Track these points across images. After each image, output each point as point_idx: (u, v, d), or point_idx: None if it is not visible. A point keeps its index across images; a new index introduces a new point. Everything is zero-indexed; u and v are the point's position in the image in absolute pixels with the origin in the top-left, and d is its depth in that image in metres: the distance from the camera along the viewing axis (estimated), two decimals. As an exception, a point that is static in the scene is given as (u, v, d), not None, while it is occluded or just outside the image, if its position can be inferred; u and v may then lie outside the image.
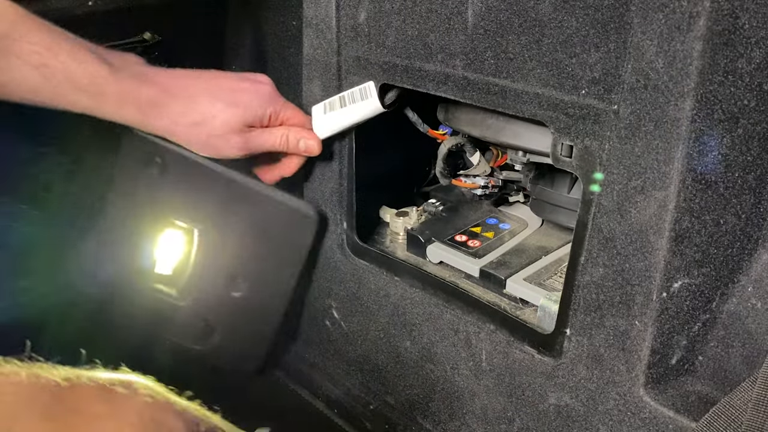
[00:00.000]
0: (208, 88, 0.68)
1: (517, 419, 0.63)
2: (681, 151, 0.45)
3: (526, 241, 0.75)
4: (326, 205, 0.79)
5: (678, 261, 0.48)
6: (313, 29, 0.72)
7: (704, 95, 0.44)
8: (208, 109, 0.67)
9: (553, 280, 0.67)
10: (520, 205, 0.84)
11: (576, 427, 0.57)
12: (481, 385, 0.66)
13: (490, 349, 0.64)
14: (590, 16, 0.48)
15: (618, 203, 0.50)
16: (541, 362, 0.59)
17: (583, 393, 0.56)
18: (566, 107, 0.51)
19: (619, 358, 0.53)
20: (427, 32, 0.61)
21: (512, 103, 0.56)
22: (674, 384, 0.52)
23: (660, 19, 0.44)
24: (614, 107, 0.48)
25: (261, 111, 0.70)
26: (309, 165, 0.80)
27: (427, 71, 0.62)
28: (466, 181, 0.80)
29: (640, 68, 0.46)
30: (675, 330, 0.51)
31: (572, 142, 0.52)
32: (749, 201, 0.49)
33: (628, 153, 0.48)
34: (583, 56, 0.49)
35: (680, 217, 0.47)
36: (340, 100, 0.71)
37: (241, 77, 0.72)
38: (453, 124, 0.74)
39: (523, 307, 0.66)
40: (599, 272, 0.52)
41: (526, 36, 0.53)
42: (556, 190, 0.71)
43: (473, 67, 0.58)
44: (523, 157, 0.72)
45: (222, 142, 0.69)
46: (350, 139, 0.74)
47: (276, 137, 0.71)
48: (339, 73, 0.72)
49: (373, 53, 0.67)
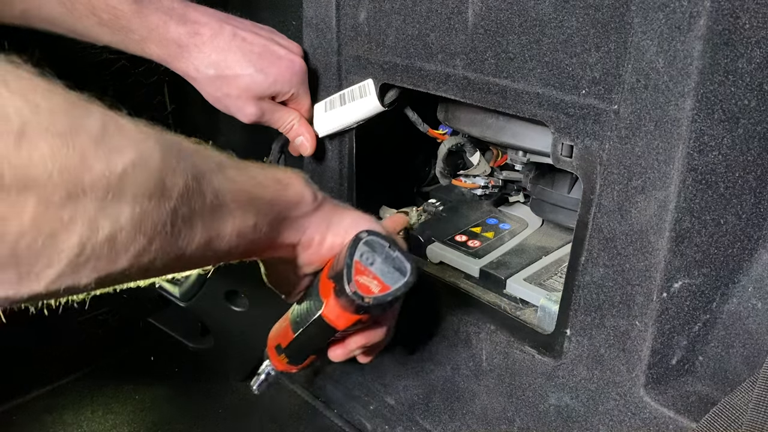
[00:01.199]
0: (242, 46, 0.66)
1: (517, 419, 0.63)
2: (681, 150, 0.45)
3: (526, 241, 0.75)
4: (326, 205, 0.79)
5: (678, 261, 0.48)
6: (313, 29, 0.72)
7: (705, 95, 0.44)
8: (235, 68, 0.65)
9: (554, 280, 0.67)
10: (520, 205, 0.84)
11: (576, 427, 0.57)
12: (481, 386, 0.66)
13: (490, 349, 0.64)
14: (590, 16, 0.48)
15: (618, 203, 0.50)
16: (542, 362, 0.59)
17: (584, 393, 0.56)
18: (566, 107, 0.51)
19: (620, 359, 0.53)
20: (428, 32, 0.61)
21: (512, 103, 0.56)
22: (674, 384, 0.52)
23: (660, 19, 0.44)
24: (614, 107, 0.48)
25: (287, 87, 0.68)
26: (309, 164, 0.80)
27: (428, 71, 0.62)
28: (466, 181, 0.80)
29: (641, 68, 0.46)
30: (675, 330, 0.51)
31: (572, 142, 0.52)
32: (749, 201, 0.49)
33: (629, 153, 0.48)
34: (584, 56, 0.49)
35: (680, 217, 0.47)
36: (341, 98, 0.71)
37: (278, 42, 0.69)
38: (453, 123, 0.74)
39: (524, 308, 0.66)
40: (599, 272, 0.52)
41: (526, 36, 0.53)
42: (556, 190, 0.71)
43: (473, 67, 0.58)
44: (523, 157, 0.72)
45: (236, 105, 0.68)
46: (350, 138, 0.74)
47: (285, 120, 0.71)
48: (339, 72, 0.71)
49: (373, 53, 0.67)
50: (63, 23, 0.62)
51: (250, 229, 0.44)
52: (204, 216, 0.40)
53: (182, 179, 0.37)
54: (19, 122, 0.29)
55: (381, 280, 0.49)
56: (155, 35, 0.63)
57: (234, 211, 0.43)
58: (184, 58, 0.65)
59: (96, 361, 0.88)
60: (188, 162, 0.38)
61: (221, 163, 0.43)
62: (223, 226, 0.42)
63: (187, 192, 0.37)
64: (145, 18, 0.62)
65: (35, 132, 0.29)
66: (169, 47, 0.64)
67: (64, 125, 0.30)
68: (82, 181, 0.31)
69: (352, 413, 0.79)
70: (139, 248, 0.35)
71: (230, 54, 0.65)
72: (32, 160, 0.29)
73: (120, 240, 0.33)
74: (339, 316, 0.51)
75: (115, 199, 0.32)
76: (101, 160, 0.32)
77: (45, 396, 0.84)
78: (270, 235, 0.48)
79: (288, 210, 0.49)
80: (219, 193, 0.41)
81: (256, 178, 0.46)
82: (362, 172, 0.76)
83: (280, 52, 0.68)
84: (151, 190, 0.34)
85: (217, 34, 0.66)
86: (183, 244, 0.38)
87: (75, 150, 0.30)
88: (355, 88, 0.70)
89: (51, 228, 0.30)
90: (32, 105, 0.30)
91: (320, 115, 0.73)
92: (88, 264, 0.32)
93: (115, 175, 0.32)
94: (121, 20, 0.62)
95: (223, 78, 0.66)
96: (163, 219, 0.36)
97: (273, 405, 0.82)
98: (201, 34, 0.65)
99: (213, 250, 0.42)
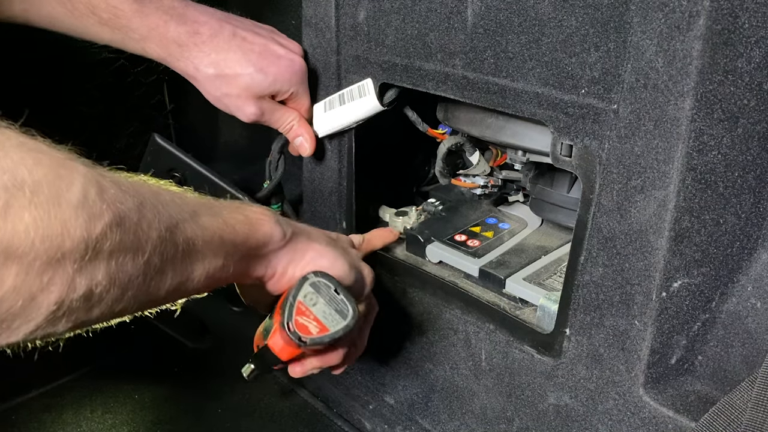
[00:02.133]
0: (242, 45, 0.66)
1: (516, 419, 0.63)
2: (681, 150, 0.45)
3: (526, 240, 0.75)
4: (325, 204, 0.79)
5: (677, 260, 0.48)
6: (312, 28, 0.72)
7: (704, 95, 0.44)
8: (235, 67, 0.65)
9: (553, 279, 0.67)
10: (519, 204, 0.84)
11: (575, 426, 0.57)
12: (480, 385, 0.66)
13: (490, 348, 0.64)
14: (590, 16, 0.48)
15: (618, 203, 0.50)
16: (541, 362, 0.59)
17: (583, 393, 0.56)
18: (566, 107, 0.51)
19: (619, 358, 0.53)
20: (427, 31, 0.61)
21: (512, 103, 0.56)
22: (674, 384, 0.52)
23: (660, 19, 0.44)
24: (614, 107, 0.48)
25: (286, 87, 0.68)
26: (309, 164, 0.80)
27: (427, 70, 0.62)
28: (465, 181, 0.80)
29: (640, 68, 0.46)
30: (674, 330, 0.51)
31: (572, 141, 0.52)
32: (749, 200, 0.49)
33: (628, 152, 0.48)
34: (583, 56, 0.49)
35: (680, 216, 0.47)
36: (340, 98, 0.71)
37: (277, 41, 0.70)
38: (452, 123, 0.74)
39: (523, 307, 0.66)
40: (599, 272, 0.52)
41: (525, 35, 0.53)
42: (555, 189, 0.70)
43: (473, 67, 0.58)
44: (522, 157, 0.72)
45: (235, 105, 0.68)
46: (350, 138, 0.74)
47: (285, 121, 0.71)
48: (338, 72, 0.71)
49: (372, 52, 0.67)
50: (63, 22, 0.62)
51: (219, 269, 0.47)
52: (175, 263, 0.42)
53: (156, 232, 0.39)
54: (5, 197, 0.30)
55: (321, 322, 0.53)
56: (155, 34, 0.64)
57: (205, 256, 0.45)
58: (184, 57, 0.65)
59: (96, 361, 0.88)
60: (164, 214, 0.40)
61: (195, 211, 0.45)
62: (193, 270, 0.44)
63: (160, 244, 0.39)
64: (145, 17, 0.63)
65: (20, 205, 0.30)
66: (169, 46, 0.64)
67: (47, 197, 0.32)
68: (62, 247, 0.32)
69: (352, 413, 0.79)
70: (113, 298, 0.37)
71: (230, 53, 0.66)
72: (16, 232, 0.30)
73: (96, 293, 0.35)
74: (282, 348, 0.55)
75: (93, 258, 0.34)
76: (81, 227, 0.33)
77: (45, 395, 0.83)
78: (237, 271, 0.50)
79: (256, 249, 0.52)
80: (191, 241, 0.43)
81: (228, 222, 0.48)
82: (361, 172, 0.76)
83: (280, 52, 0.68)
84: (126, 246, 0.36)
85: (217, 34, 0.66)
86: (154, 289, 0.40)
87: (57, 219, 0.32)
88: (355, 87, 0.70)
89: (30, 292, 0.32)
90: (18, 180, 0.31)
91: (320, 115, 0.73)
92: (64, 317, 0.34)
93: (93, 238, 0.34)
94: (121, 19, 0.62)
95: (222, 77, 0.66)
96: (137, 271, 0.38)
97: (273, 405, 0.82)
98: (201, 34, 0.65)
99: (183, 290, 0.44)
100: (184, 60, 0.65)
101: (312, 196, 0.80)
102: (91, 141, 0.92)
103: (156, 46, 0.64)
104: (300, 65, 0.70)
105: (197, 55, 0.65)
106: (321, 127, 0.73)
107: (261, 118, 0.69)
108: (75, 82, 0.89)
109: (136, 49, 0.65)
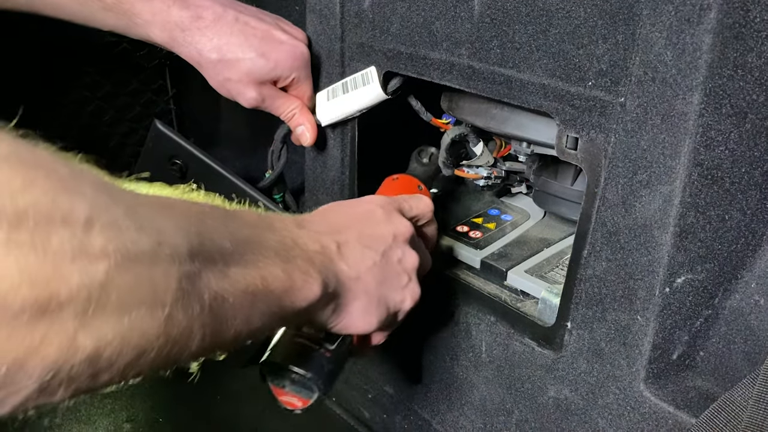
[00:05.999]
0: (244, 30, 0.66)
1: (515, 411, 0.63)
2: (688, 145, 0.44)
3: (528, 232, 0.75)
4: (327, 194, 0.79)
5: (682, 256, 0.48)
6: (316, 15, 0.71)
7: (713, 89, 0.43)
8: (237, 52, 0.65)
9: (555, 272, 0.67)
10: (522, 196, 0.84)
11: (575, 420, 0.57)
12: (480, 377, 0.66)
13: (490, 340, 0.64)
14: (598, 7, 0.47)
15: (623, 197, 0.49)
16: (541, 355, 0.59)
17: (583, 387, 0.56)
18: (572, 99, 0.51)
19: (620, 353, 0.52)
20: (433, 20, 0.60)
21: (518, 94, 0.55)
22: (675, 379, 0.52)
23: (669, 11, 0.43)
24: (621, 100, 0.48)
25: (287, 72, 0.68)
26: (311, 153, 0.79)
27: (432, 59, 0.61)
28: (468, 172, 0.79)
29: (649, 61, 0.45)
30: (677, 325, 0.50)
31: (578, 134, 0.51)
32: (755, 197, 0.48)
33: (634, 146, 0.48)
34: (591, 47, 0.49)
35: (685, 212, 0.46)
36: (343, 86, 0.71)
37: (281, 27, 0.70)
38: (457, 113, 0.73)
39: (524, 300, 0.66)
40: (602, 266, 0.52)
41: (533, 26, 0.52)
42: (559, 181, 0.70)
43: (479, 56, 0.57)
44: (527, 148, 0.71)
45: (236, 89, 0.68)
46: (352, 127, 0.74)
47: (287, 108, 0.71)
48: (342, 60, 0.71)
49: (377, 40, 0.66)
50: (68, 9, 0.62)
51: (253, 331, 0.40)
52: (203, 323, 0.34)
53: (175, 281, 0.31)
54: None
55: (299, 397, 0.54)
56: (158, 19, 0.63)
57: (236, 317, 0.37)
58: (187, 41, 0.65)
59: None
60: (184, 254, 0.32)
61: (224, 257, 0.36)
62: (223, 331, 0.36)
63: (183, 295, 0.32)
64: (149, 2, 0.63)
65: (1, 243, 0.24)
66: (172, 31, 0.64)
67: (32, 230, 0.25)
68: (57, 296, 0.25)
69: (351, 402, 0.80)
70: (126, 363, 0.29)
71: (232, 38, 0.65)
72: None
73: (104, 357, 0.28)
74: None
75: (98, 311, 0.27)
76: (79, 271, 0.26)
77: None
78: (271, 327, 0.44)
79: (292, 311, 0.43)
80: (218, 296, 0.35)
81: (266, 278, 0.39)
82: (364, 161, 0.76)
83: (282, 37, 0.68)
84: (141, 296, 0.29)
85: (220, 18, 0.66)
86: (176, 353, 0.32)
87: (47, 260, 0.25)
88: (358, 75, 0.69)
89: (16, 354, 0.25)
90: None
91: (322, 104, 0.72)
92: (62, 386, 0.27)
93: (96, 284, 0.27)
94: (125, 4, 0.62)
95: (224, 62, 0.66)
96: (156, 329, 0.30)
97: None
98: (204, 18, 0.65)
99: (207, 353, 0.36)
100: (187, 45, 0.65)
101: (314, 186, 0.80)
102: (91, 125, 0.91)
103: (159, 30, 0.64)
104: (302, 51, 0.69)
105: (200, 40, 0.65)
106: (324, 116, 0.73)
107: (262, 104, 0.69)
108: (76, 66, 0.88)
109: (141, 35, 0.65)
